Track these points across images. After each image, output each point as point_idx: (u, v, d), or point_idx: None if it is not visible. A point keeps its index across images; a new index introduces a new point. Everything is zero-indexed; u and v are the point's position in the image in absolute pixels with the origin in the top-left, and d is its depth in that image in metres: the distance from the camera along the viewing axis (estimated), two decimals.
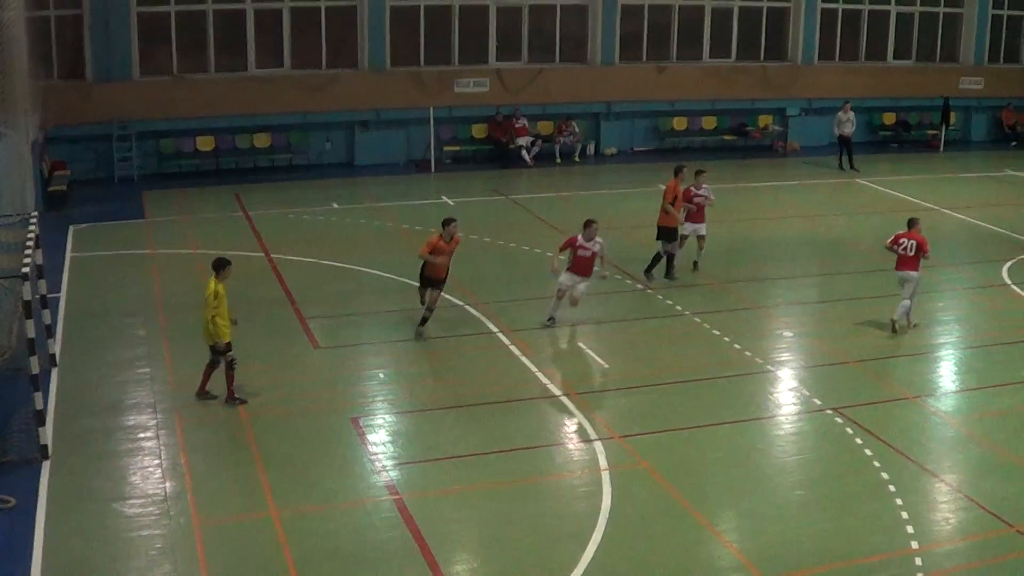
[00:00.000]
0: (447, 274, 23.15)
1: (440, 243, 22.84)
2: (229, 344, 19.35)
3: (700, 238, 28.00)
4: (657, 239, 27.26)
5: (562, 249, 23.73)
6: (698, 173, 27.97)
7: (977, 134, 50.43)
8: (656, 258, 27.22)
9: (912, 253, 24.17)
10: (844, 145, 42.19)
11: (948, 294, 27.67)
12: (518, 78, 41.03)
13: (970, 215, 34.55)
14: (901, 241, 24.31)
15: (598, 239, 23.50)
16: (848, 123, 42.16)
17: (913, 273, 24.27)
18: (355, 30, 39.80)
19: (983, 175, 42.87)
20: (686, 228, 27.61)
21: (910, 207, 35.72)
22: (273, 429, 18.86)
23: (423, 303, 23.09)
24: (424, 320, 23.02)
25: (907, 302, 24.37)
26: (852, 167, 41.93)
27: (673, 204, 26.79)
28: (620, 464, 17.87)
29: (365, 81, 39.47)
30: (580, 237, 23.48)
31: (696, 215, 27.73)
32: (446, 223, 23.05)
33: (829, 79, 46.44)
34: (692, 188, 27.65)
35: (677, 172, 27.29)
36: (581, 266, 23.60)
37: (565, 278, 23.56)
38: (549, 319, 23.81)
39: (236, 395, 19.57)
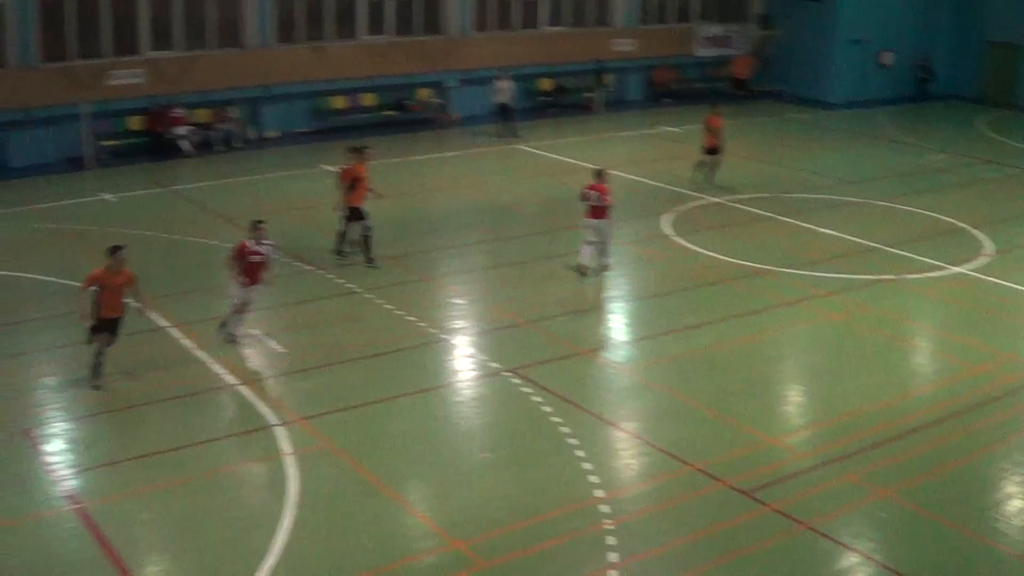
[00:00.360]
0: (123, 312, 20.20)
1: (106, 274, 19.66)
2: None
3: None
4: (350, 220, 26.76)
5: (233, 260, 21.62)
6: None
7: (632, 94, 52.00)
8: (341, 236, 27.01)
9: (600, 203, 25.82)
10: (504, 113, 42.85)
11: (613, 249, 28.40)
12: (173, 67, 40.00)
13: (629, 171, 35.58)
14: (589, 193, 25.96)
15: (267, 241, 21.92)
16: (506, 91, 42.81)
17: (601, 221, 25.99)
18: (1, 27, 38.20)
19: (640, 133, 44.29)
20: None
21: (572, 169, 36.65)
22: None
23: (96, 356, 19.86)
24: (96, 371, 19.89)
25: (588, 248, 26.13)
26: (514, 134, 42.62)
27: (354, 185, 26.46)
28: (304, 447, 17.74)
29: (13, 79, 37.79)
30: (250, 242, 21.68)
31: None
32: (113, 251, 19.83)
33: (486, 49, 46.99)
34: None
35: (359, 151, 27.24)
36: (254, 273, 21.64)
37: (240, 291, 21.60)
38: (228, 334, 21.99)
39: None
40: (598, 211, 26.01)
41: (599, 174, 26.40)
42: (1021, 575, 14.84)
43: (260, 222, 21.99)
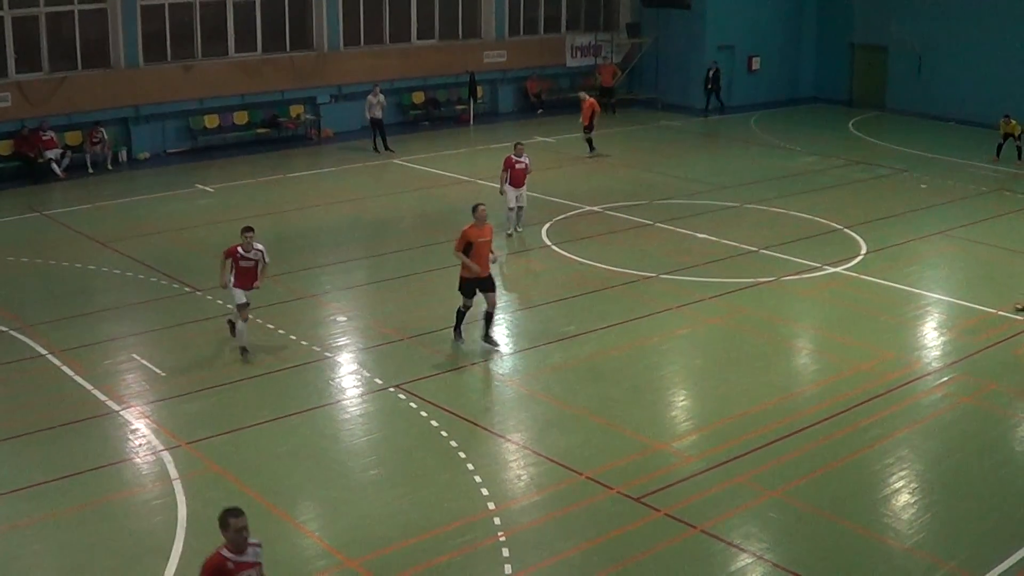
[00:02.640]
0: None
1: None
2: None
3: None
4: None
5: (225, 257, 22.07)
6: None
7: (505, 105, 52.26)
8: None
9: (521, 170, 30.58)
10: (376, 127, 42.74)
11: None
12: (40, 89, 39.37)
13: None
14: (513, 162, 30.47)
15: (258, 246, 22.04)
16: (378, 106, 42.71)
17: (520, 189, 30.64)
18: None
19: (513, 144, 44.32)
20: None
21: (446, 181, 36.85)
22: None
23: None
24: None
25: (512, 213, 30.68)
26: (387, 148, 42.53)
27: (468, 253, 22.23)
28: (191, 471, 17.52)
29: None
30: (239, 247, 21.88)
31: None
32: None
33: (357, 64, 46.96)
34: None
35: (473, 212, 22.66)
36: (245, 279, 21.93)
37: (240, 293, 21.90)
38: (242, 348, 22.18)
39: None
40: (520, 179, 30.58)
41: (518, 147, 31.12)
42: (910, 568, 15.09)
43: (249, 229, 22.18)
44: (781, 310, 25.39)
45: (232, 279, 22.06)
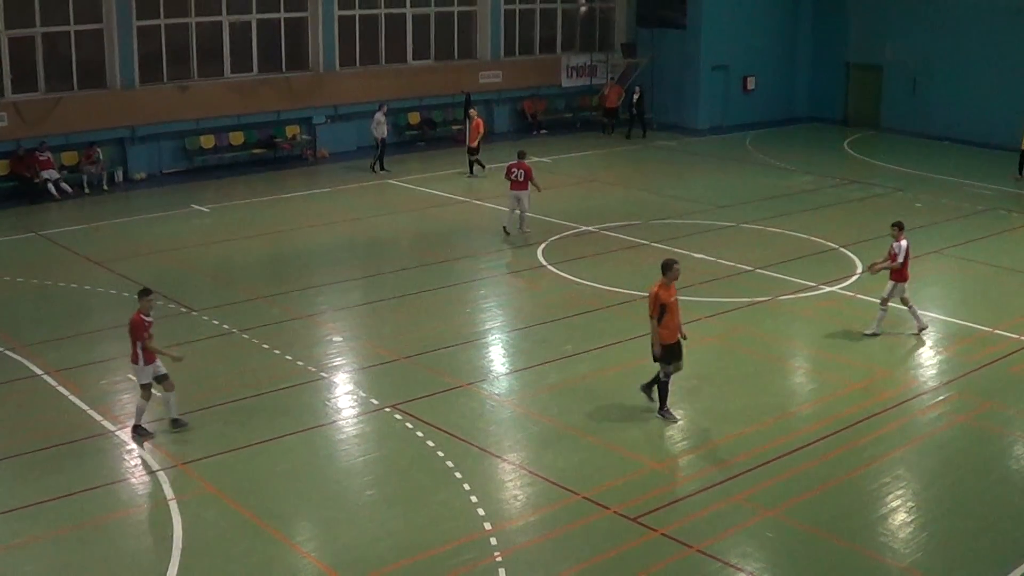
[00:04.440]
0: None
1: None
2: None
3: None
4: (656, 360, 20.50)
5: (137, 333, 19.40)
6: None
7: (500, 125, 52.22)
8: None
9: (522, 179, 32.60)
10: (380, 146, 42.71)
11: (489, 281, 28.63)
12: (37, 109, 39.37)
13: (500, 203, 35.68)
14: (513, 170, 32.65)
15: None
16: (384, 125, 42.66)
17: (522, 192, 32.50)
18: None
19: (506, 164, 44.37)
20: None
21: (442, 201, 36.86)
22: None
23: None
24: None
25: (512, 215, 32.74)
26: (383, 168, 42.54)
27: (661, 317, 19.91)
28: (187, 491, 17.49)
29: None
30: (141, 314, 19.48)
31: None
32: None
33: (353, 84, 47.03)
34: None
35: (665, 271, 20.21)
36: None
37: (149, 371, 19.63)
38: (173, 421, 20.19)
39: None
40: (519, 185, 32.54)
41: (521, 155, 33.65)
42: None
43: (147, 292, 20.11)
44: (777, 329, 25.40)
45: (140, 355, 19.60)
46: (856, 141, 50.64)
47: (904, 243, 23.97)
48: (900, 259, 23.93)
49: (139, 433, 19.72)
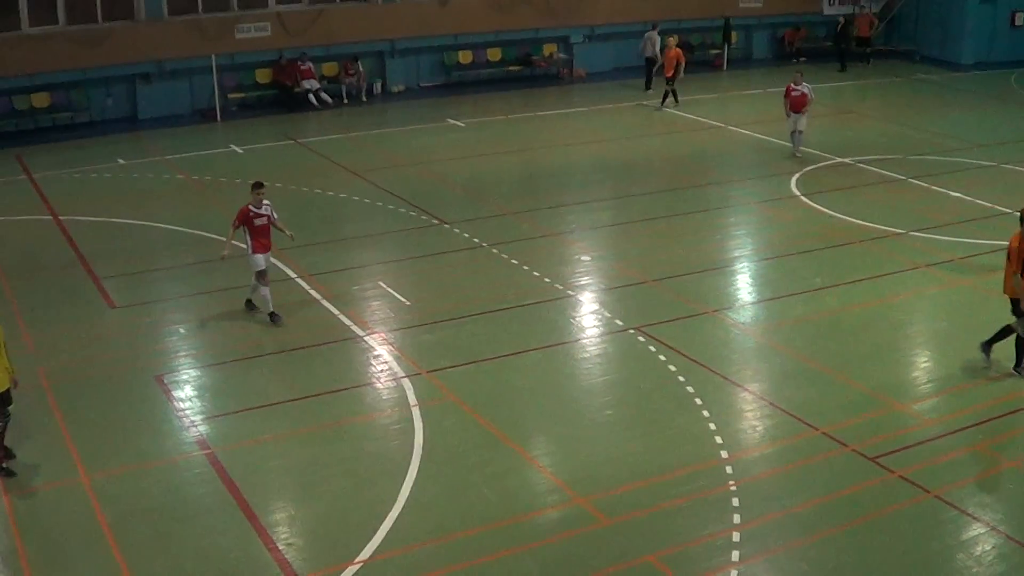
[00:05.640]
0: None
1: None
2: (6, 396, 15.76)
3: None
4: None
5: (236, 226, 20.90)
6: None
7: (759, 52, 51.41)
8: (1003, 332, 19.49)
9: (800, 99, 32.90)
10: (650, 66, 42.54)
11: (740, 208, 28.34)
12: (299, 20, 40.35)
13: (756, 131, 35.30)
14: (792, 89, 32.97)
15: (266, 202, 21.05)
16: (653, 43, 42.45)
17: (800, 114, 32.85)
18: None
19: (766, 91, 43.66)
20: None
21: (696, 126, 36.53)
22: (76, 394, 18.26)
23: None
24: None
25: (800, 134, 32.97)
26: (648, 87, 42.40)
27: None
28: (430, 399, 17.89)
29: (143, 32, 38.31)
30: (250, 205, 20.86)
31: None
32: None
33: (612, 5, 46.67)
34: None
35: None
36: (263, 237, 21.00)
37: (260, 259, 20.93)
38: (272, 315, 21.06)
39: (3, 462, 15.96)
40: (797, 104, 32.87)
41: (797, 76, 33.51)
42: None
43: (260, 185, 21.01)
44: None
45: (249, 245, 20.93)
46: None
47: None
48: None
49: (274, 321, 20.84)
